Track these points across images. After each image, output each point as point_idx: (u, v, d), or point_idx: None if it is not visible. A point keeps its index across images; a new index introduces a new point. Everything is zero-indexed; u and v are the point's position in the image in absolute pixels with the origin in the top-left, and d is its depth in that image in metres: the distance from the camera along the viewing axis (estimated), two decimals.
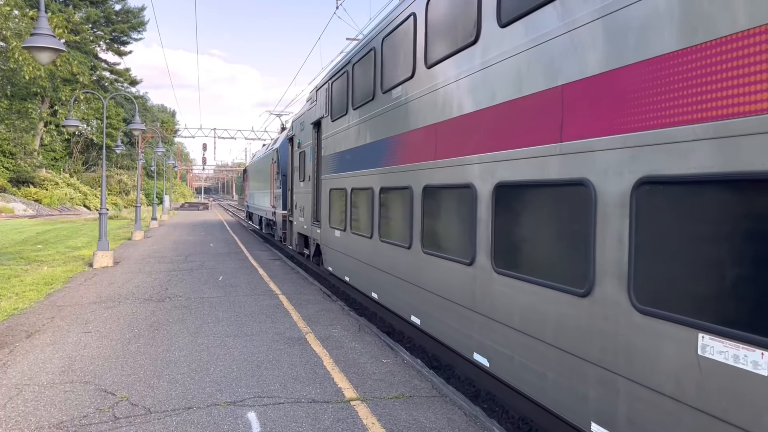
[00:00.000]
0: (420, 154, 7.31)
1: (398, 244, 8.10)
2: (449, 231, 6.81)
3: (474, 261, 5.94)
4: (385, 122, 8.68)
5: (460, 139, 6.25)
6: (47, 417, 5.33)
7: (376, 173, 9.11)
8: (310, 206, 14.57)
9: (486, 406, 6.39)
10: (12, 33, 36.24)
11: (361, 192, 9.89)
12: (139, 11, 69.87)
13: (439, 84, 6.84)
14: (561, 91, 4.54)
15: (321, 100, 13.51)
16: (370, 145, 9.45)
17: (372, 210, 9.25)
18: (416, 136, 7.47)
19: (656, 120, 3.58)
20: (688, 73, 3.35)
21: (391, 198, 8.49)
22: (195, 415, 5.42)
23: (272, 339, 8.21)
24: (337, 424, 5.26)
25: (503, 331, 5.40)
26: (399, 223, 8.21)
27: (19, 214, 44.91)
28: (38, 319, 9.25)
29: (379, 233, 8.95)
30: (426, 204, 7.13)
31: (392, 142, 8.34)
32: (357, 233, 10.19)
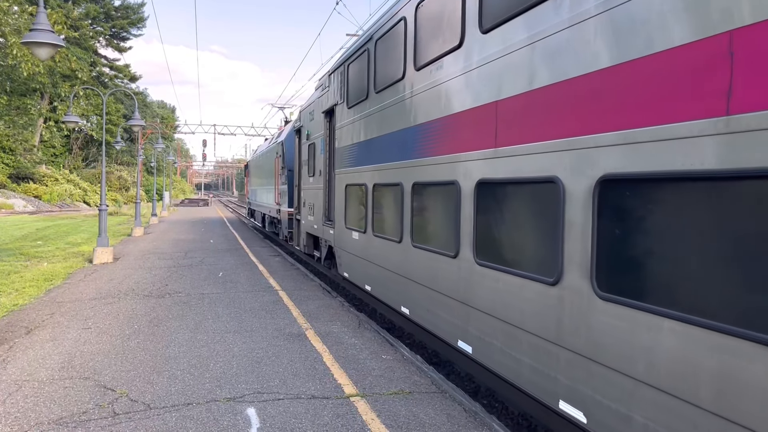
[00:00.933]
0: (469, 141, 5.92)
1: (439, 252, 6.67)
2: (515, 238, 5.24)
3: (560, 280, 4.39)
4: (418, 105, 7.30)
5: (537, 119, 4.81)
6: (47, 413, 5.33)
7: (406, 166, 7.74)
8: (321, 204, 13.12)
9: (485, 402, 6.39)
10: (11, 29, 36.15)
11: (387, 188, 8.55)
12: (138, 7, 69.77)
13: (508, 48, 5.20)
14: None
15: (334, 86, 11.97)
16: (398, 134, 8.07)
17: (401, 210, 7.85)
18: (464, 119, 6.06)
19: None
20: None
21: (428, 196, 7.17)
22: (194, 411, 5.42)
23: (272, 335, 8.21)
24: (337, 419, 5.26)
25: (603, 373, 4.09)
26: (439, 226, 6.87)
27: (18, 210, 44.89)
28: (38, 315, 9.24)
29: (412, 238, 7.53)
30: (481, 203, 5.72)
31: (429, 129, 7.00)
32: (381, 236, 8.78)
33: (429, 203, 7.25)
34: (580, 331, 4.23)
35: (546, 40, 4.67)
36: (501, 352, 5.32)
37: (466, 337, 6.08)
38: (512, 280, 5.09)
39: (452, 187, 6.27)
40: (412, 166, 7.53)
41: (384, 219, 8.80)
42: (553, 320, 4.52)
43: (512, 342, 5.14)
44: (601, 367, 3.99)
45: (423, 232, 7.33)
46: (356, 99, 10.19)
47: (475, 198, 5.76)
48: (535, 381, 4.81)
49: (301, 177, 16.40)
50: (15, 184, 52.36)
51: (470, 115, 5.90)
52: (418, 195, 7.40)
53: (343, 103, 11.19)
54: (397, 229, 8.09)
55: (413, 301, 7.61)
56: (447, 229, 6.50)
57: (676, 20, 3.45)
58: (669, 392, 3.42)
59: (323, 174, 12.98)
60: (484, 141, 5.58)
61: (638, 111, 3.71)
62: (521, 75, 4.99)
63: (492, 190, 5.52)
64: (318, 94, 14.10)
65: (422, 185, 7.27)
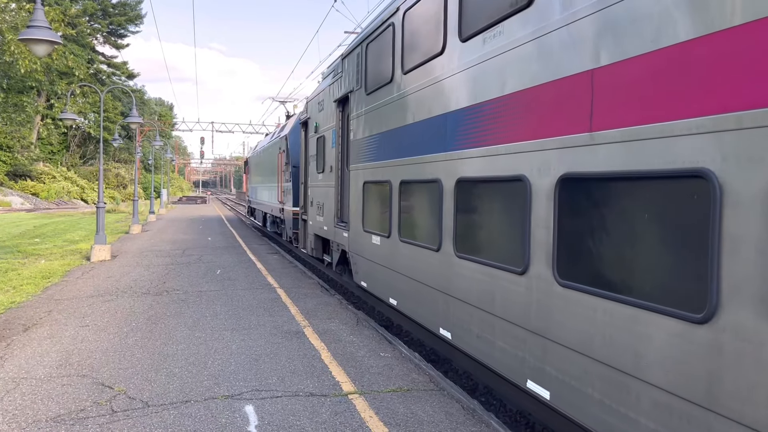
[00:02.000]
0: (548, 124, 4.62)
1: (498, 267, 5.37)
2: (630, 255, 3.82)
3: (714, 316, 3.17)
4: (464, 84, 6.01)
5: (662, 91, 3.54)
6: (44, 410, 5.32)
7: (446, 160, 6.46)
8: (333, 203, 11.84)
9: (483, 399, 6.40)
10: (8, 26, 36.06)
11: (418, 186, 7.37)
12: (136, 4, 69.60)
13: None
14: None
15: (349, 71, 10.64)
16: (434, 122, 6.79)
17: (439, 212, 6.58)
18: (535, 97, 4.79)
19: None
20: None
21: (479, 196, 5.90)
22: (193, 408, 5.42)
23: (270, 332, 8.21)
24: (335, 417, 5.26)
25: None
26: (497, 235, 5.63)
27: (16, 207, 44.82)
28: (36, 313, 9.23)
29: (455, 247, 6.21)
30: (565, 206, 4.42)
31: (481, 113, 5.66)
32: (411, 242, 7.51)
33: (481, 205, 5.93)
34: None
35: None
36: (600, 404, 4.08)
37: (542, 379, 4.66)
38: (623, 310, 3.80)
39: (518, 186, 4.98)
40: (455, 159, 6.22)
41: (415, 222, 7.64)
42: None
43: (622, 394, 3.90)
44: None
45: (472, 240, 6.02)
46: (377, 83, 8.86)
47: (556, 198, 4.47)
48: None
49: (308, 173, 15.14)
50: (12, 181, 52.30)
51: (544, 91, 4.66)
52: (464, 195, 6.09)
53: (359, 89, 9.90)
54: (433, 235, 6.79)
55: (459, 324, 6.23)
56: (510, 240, 5.27)
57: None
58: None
59: (334, 170, 11.74)
60: (571, 123, 4.34)
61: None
62: (641, 30, 3.70)
63: (584, 188, 4.25)
64: (329, 81, 12.71)
65: (470, 183, 5.96)
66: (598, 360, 4.07)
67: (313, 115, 14.44)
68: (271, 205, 23.68)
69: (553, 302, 4.55)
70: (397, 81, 8.05)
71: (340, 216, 11.54)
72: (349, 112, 10.61)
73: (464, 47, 5.99)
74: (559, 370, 4.49)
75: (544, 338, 4.66)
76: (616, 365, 3.89)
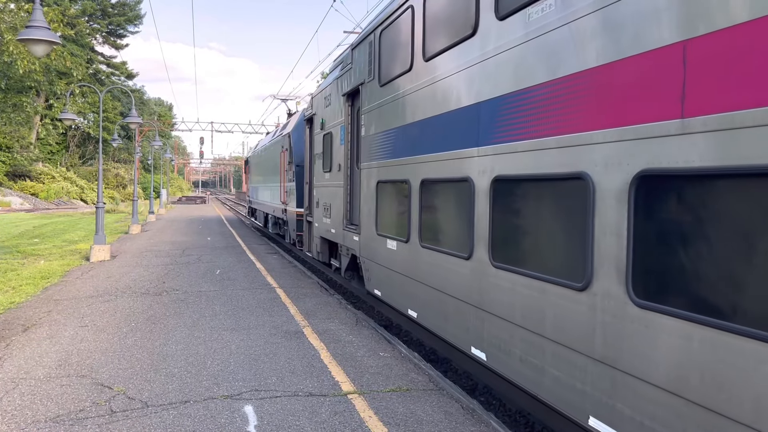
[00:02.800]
0: (621, 111, 3.85)
1: (551, 280, 4.55)
2: (739, 271, 3.14)
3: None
4: (506, 68, 5.22)
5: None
6: (44, 411, 5.31)
7: (480, 155, 5.68)
8: (341, 204, 11.09)
9: (483, 399, 6.40)
10: (7, 26, 36.03)
11: (444, 186, 6.66)
12: (135, 4, 69.59)
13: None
14: None
15: (360, 62, 9.90)
16: (465, 112, 6.02)
17: (471, 215, 5.82)
18: (608, 77, 3.98)
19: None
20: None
21: (527, 196, 5.09)
22: (192, 408, 5.41)
23: (269, 332, 8.20)
24: (335, 417, 5.26)
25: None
26: (550, 241, 4.79)
27: (16, 207, 44.81)
28: (35, 313, 9.22)
29: (492, 255, 5.44)
30: (642, 207, 3.70)
31: (530, 100, 4.87)
32: (435, 249, 6.79)
33: (525, 208, 5.14)
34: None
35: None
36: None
37: (611, 418, 3.99)
38: (734, 342, 3.10)
39: (575, 185, 4.24)
40: (491, 154, 5.48)
41: (439, 226, 6.91)
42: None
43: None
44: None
45: (514, 249, 5.24)
46: (393, 73, 8.16)
47: (632, 199, 3.72)
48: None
49: (313, 173, 14.38)
50: (12, 181, 52.28)
51: (617, 70, 3.91)
52: (503, 196, 5.34)
53: (372, 80, 9.15)
54: (463, 241, 6.05)
55: (496, 344, 5.47)
56: (563, 249, 4.55)
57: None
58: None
59: (343, 169, 11.00)
60: (654, 108, 3.58)
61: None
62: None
63: (673, 187, 3.52)
64: (336, 74, 11.93)
65: (511, 182, 5.20)
66: (694, 402, 3.28)
67: (318, 111, 13.66)
68: (273, 205, 22.97)
69: (626, 326, 3.76)
70: (417, 69, 7.30)
71: (350, 218, 10.82)
72: (360, 106, 9.92)
73: (502, 26, 5.24)
74: (637, 410, 3.70)
75: (614, 369, 3.87)
76: (725, 412, 3.09)
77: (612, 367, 3.91)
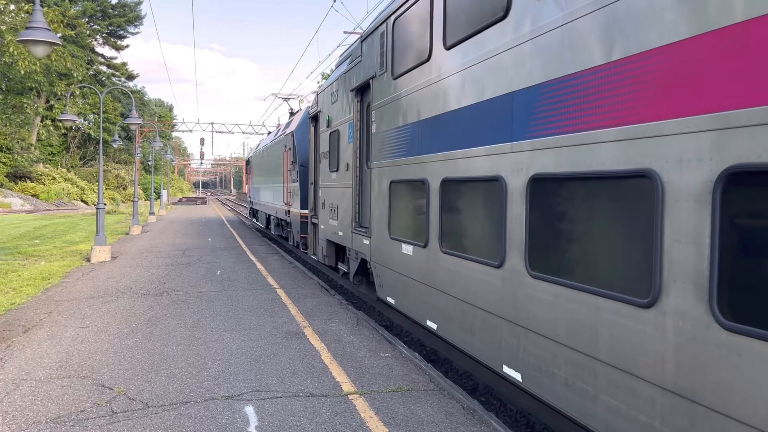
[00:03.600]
0: (701, 97, 3.26)
1: (607, 294, 3.93)
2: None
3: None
4: (550, 51, 4.58)
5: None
6: (44, 412, 5.31)
7: (515, 151, 5.07)
8: (349, 205, 10.54)
9: (484, 399, 6.39)
10: (7, 27, 36.06)
11: (468, 186, 6.10)
12: (135, 5, 69.66)
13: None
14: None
15: (370, 54, 9.32)
16: (496, 103, 5.39)
17: (502, 219, 5.23)
18: (698, 50, 3.29)
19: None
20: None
21: (575, 198, 4.44)
22: (193, 409, 5.41)
23: (270, 333, 8.20)
24: (335, 417, 5.26)
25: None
26: (604, 250, 4.11)
27: (16, 209, 44.83)
28: (35, 314, 9.23)
29: (529, 263, 4.85)
30: (730, 213, 3.13)
31: (577, 87, 4.25)
32: (459, 255, 6.20)
33: (571, 211, 4.49)
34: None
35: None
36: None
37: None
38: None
39: (639, 185, 3.67)
40: (527, 150, 4.91)
41: (463, 230, 6.36)
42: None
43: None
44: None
45: (558, 258, 4.62)
46: (408, 65, 7.60)
47: (717, 203, 3.13)
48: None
49: (318, 172, 13.75)
50: (12, 182, 52.31)
51: (701, 44, 3.26)
52: (545, 197, 4.75)
53: (384, 73, 8.58)
54: (492, 247, 5.47)
55: (535, 364, 4.83)
56: (621, 259, 3.94)
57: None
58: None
59: (351, 168, 10.47)
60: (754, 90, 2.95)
61: None
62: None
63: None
64: (344, 68, 11.30)
65: (555, 181, 4.58)
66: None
67: (324, 108, 13.04)
68: (275, 206, 22.27)
69: (709, 352, 3.16)
70: (436, 59, 6.74)
71: (359, 220, 10.23)
72: (370, 101, 9.32)
73: (540, 6, 4.72)
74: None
75: (692, 402, 3.27)
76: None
77: (689, 399, 3.27)
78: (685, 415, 3.32)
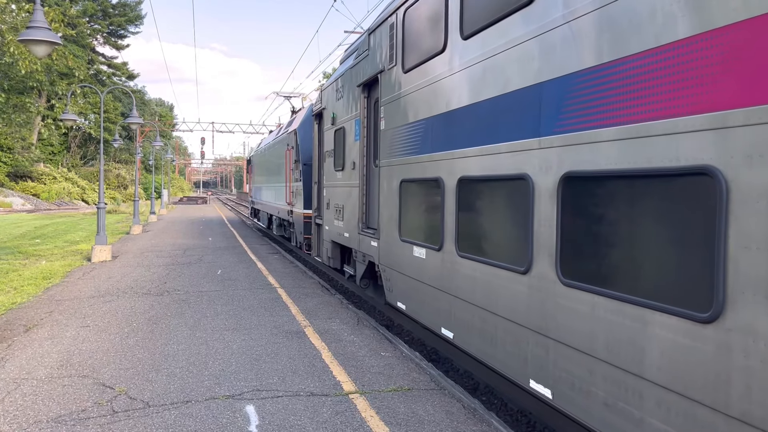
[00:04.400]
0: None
1: (656, 307, 3.52)
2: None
3: None
4: (583, 38, 4.21)
5: None
6: (45, 411, 5.32)
7: (544, 147, 4.67)
8: (356, 205, 10.16)
9: (485, 398, 6.40)
10: (8, 27, 36.09)
11: (488, 186, 5.71)
12: (136, 4, 69.71)
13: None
14: None
15: (379, 47, 8.92)
16: (521, 95, 5.01)
17: (529, 221, 4.83)
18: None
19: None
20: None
21: (618, 197, 3.96)
22: (193, 408, 5.42)
23: (271, 332, 8.21)
24: (336, 417, 5.27)
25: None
26: (655, 256, 3.63)
27: (17, 208, 44.85)
28: (36, 314, 9.23)
29: (561, 270, 4.44)
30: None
31: (619, 74, 3.85)
32: (478, 259, 5.78)
33: (618, 212, 3.94)
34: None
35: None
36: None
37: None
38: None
39: (699, 183, 3.25)
40: (558, 146, 4.50)
41: (483, 233, 5.88)
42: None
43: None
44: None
45: (596, 265, 4.14)
46: (421, 57, 7.23)
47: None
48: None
49: (323, 171, 13.35)
50: (13, 182, 52.35)
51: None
52: (580, 197, 4.32)
53: (394, 67, 8.19)
54: (517, 251, 5.06)
55: (566, 380, 4.42)
56: (678, 267, 3.45)
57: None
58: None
59: (358, 167, 10.07)
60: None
61: None
62: None
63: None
64: (350, 63, 10.87)
65: (592, 180, 4.15)
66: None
67: (329, 105, 12.57)
68: (277, 206, 21.84)
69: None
70: (452, 50, 6.34)
71: (366, 221, 9.82)
72: (379, 96, 8.90)
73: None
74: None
75: (749, 425, 2.96)
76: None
77: (761, 430, 2.90)
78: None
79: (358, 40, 10.60)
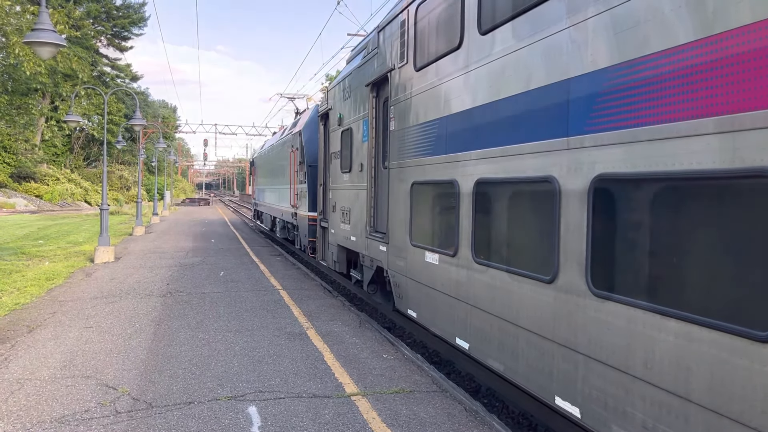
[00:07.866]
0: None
1: (704, 322, 3.23)
2: None
3: None
4: (625, 30, 3.84)
5: None
6: (49, 411, 5.35)
7: (572, 148, 4.34)
8: (364, 209, 9.84)
9: (486, 401, 6.41)
10: (13, 29, 36.24)
11: (508, 189, 5.37)
12: (139, 6, 69.91)
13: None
14: None
15: (389, 45, 8.62)
16: (545, 92, 4.70)
17: (555, 227, 4.49)
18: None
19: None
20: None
21: (660, 201, 3.62)
22: (196, 409, 5.44)
23: (273, 334, 8.23)
24: (338, 418, 5.28)
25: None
26: (710, 266, 3.30)
27: (20, 209, 44.97)
28: (40, 314, 9.27)
29: (591, 279, 4.12)
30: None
31: (666, 66, 3.52)
32: (497, 266, 5.46)
33: (663, 219, 3.58)
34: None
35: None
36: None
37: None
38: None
39: (757, 186, 2.97)
40: (588, 147, 4.14)
41: (502, 239, 5.52)
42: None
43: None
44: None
45: (640, 275, 3.74)
46: (435, 54, 6.89)
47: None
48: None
49: (328, 173, 13.01)
50: (16, 183, 52.48)
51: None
52: (616, 201, 4.00)
53: (405, 65, 7.88)
54: (541, 258, 4.76)
55: (600, 400, 4.06)
56: (732, 280, 3.14)
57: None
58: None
59: (366, 169, 9.72)
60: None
61: None
62: None
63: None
64: (357, 62, 10.57)
65: (630, 183, 3.82)
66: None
67: (335, 105, 12.25)
68: (281, 208, 21.56)
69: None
70: (469, 46, 6.03)
71: (375, 225, 9.51)
72: (388, 96, 8.60)
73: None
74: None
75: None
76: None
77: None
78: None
79: (366, 39, 10.34)
